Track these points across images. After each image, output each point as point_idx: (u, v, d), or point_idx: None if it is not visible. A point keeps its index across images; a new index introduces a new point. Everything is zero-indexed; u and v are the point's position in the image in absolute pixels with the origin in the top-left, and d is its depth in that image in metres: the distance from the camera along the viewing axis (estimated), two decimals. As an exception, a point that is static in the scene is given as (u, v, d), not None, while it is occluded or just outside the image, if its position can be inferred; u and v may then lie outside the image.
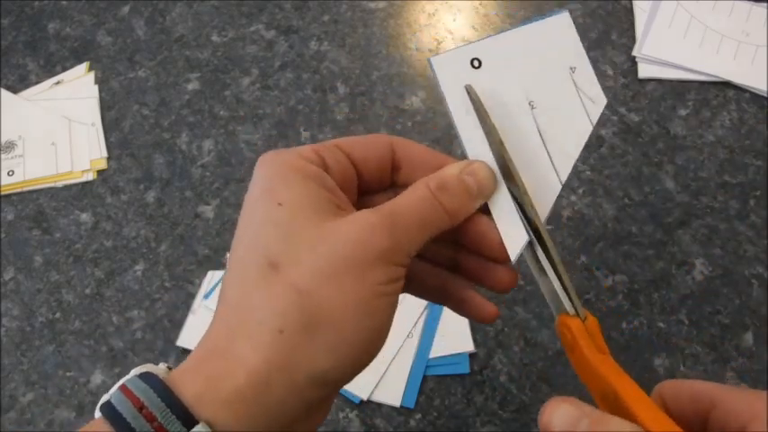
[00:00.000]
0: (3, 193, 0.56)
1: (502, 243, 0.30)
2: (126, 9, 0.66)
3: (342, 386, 0.28)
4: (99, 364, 0.48)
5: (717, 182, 0.53)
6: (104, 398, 0.25)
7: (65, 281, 0.52)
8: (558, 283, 0.30)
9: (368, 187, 0.31)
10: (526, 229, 0.29)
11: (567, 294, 0.29)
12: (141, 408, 0.24)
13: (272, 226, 0.26)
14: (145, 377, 0.25)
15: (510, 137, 0.30)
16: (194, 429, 0.23)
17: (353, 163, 0.30)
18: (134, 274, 0.51)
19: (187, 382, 0.25)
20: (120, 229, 0.54)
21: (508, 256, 0.30)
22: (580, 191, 0.53)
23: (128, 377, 0.25)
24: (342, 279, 0.25)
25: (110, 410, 0.24)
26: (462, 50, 0.30)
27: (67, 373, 0.48)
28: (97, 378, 0.48)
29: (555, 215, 0.52)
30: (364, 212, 0.27)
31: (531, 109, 0.30)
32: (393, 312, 0.27)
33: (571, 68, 0.31)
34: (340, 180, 0.28)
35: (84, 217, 0.54)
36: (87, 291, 0.51)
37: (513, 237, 0.29)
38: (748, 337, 0.46)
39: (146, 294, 0.51)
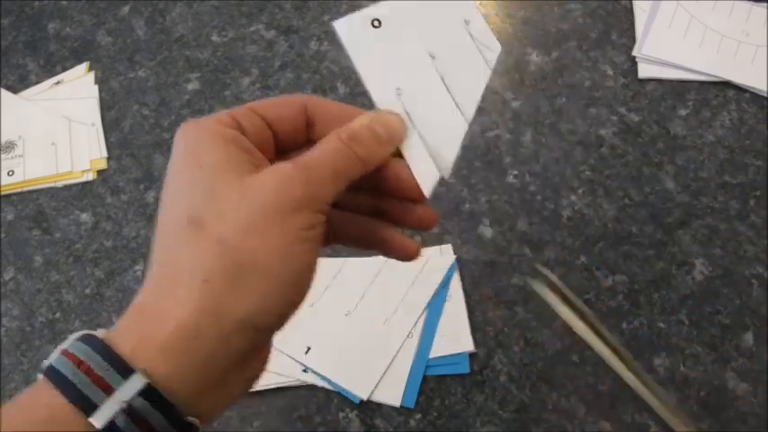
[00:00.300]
0: (3, 193, 0.56)
1: (416, 183, 0.32)
2: (126, 9, 0.66)
3: (271, 333, 0.29)
4: (99, 364, 0.48)
5: (717, 182, 0.53)
6: (45, 363, 0.26)
7: (65, 281, 0.52)
8: None
9: (284, 146, 0.32)
10: (436, 167, 0.33)
11: None
12: (80, 364, 0.25)
13: (196, 187, 0.28)
14: (83, 339, 0.26)
15: (415, 86, 0.33)
16: (131, 377, 0.25)
17: (268, 124, 0.31)
18: (134, 274, 0.51)
19: (122, 339, 0.26)
20: (120, 229, 0.54)
21: (423, 194, 0.32)
22: (580, 191, 0.53)
23: (67, 342, 0.26)
24: (263, 228, 0.27)
25: (51, 372, 0.25)
26: (362, 13, 0.33)
27: (67, 373, 0.48)
28: (97, 378, 0.48)
29: (555, 215, 0.52)
30: (280, 165, 0.28)
31: (432, 60, 0.33)
32: (315, 257, 0.29)
33: (465, 21, 0.34)
34: (257, 141, 0.30)
35: (85, 217, 0.54)
36: (87, 291, 0.51)
37: (426, 175, 0.32)
38: (748, 338, 0.46)
39: (146, 294, 0.51)
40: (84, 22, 0.66)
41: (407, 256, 0.34)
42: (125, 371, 0.25)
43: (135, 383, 0.25)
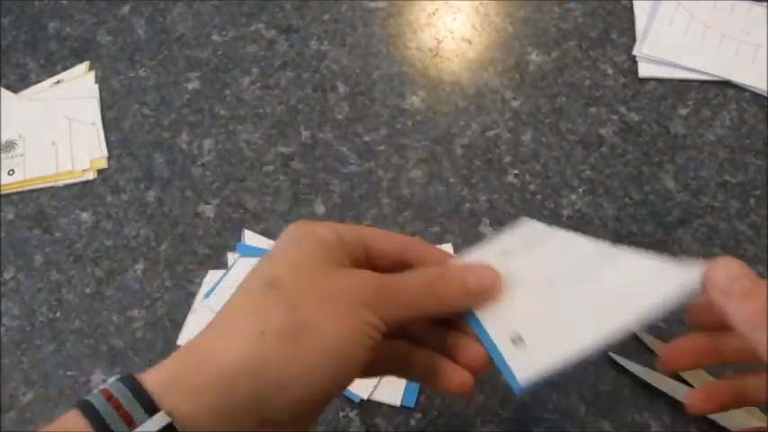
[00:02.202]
0: (3, 192, 0.56)
1: (482, 356, 0.31)
2: (126, 8, 0.66)
3: (302, 418, 0.29)
4: (99, 363, 0.48)
5: (717, 181, 0.53)
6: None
7: (65, 280, 0.52)
8: None
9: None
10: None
11: None
12: (110, 398, 0.26)
13: (285, 259, 0.30)
14: (123, 378, 0.27)
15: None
16: (156, 415, 0.26)
17: (368, 254, 0.33)
18: (134, 274, 0.51)
19: (157, 377, 0.27)
20: (120, 229, 0.54)
21: (482, 366, 0.31)
22: (580, 190, 0.53)
23: (110, 380, 0.28)
24: (336, 306, 0.28)
25: (84, 403, 0.26)
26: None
27: (68, 373, 0.48)
28: (97, 377, 0.48)
29: (555, 214, 0.52)
30: (369, 272, 0.30)
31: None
32: (367, 357, 0.29)
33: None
34: (351, 257, 0.32)
35: (85, 216, 0.55)
36: (87, 290, 0.51)
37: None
38: (748, 337, 0.46)
39: (146, 294, 0.51)
40: (85, 21, 0.66)
41: (457, 387, 0.32)
42: (151, 408, 0.26)
43: (158, 421, 0.26)
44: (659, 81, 0.58)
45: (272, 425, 0.27)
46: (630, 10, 0.62)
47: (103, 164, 0.57)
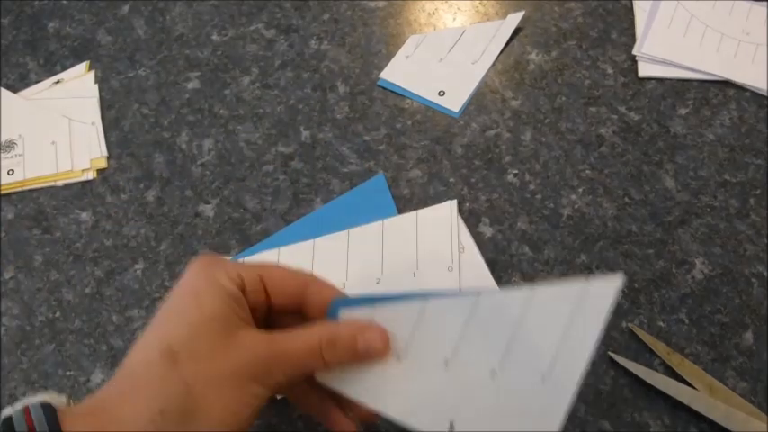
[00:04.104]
0: (3, 192, 0.56)
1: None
2: (126, 8, 0.66)
3: None
4: (99, 363, 0.48)
5: (717, 181, 0.53)
6: (7, 411, 0.30)
7: (65, 280, 0.52)
8: None
9: (280, 309, 0.36)
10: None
11: None
12: (32, 430, 0.28)
13: (186, 324, 0.32)
14: (45, 407, 0.30)
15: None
16: None
17: (268, 293, 0.36)
18: (134, 274, 0.51)
19: (75, 423, 0.29)
20: (120, 229, 0.54)
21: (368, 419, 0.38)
22: (580, 190, 0.53)
23: (33, 401, 0.30)
24: (226, 386, 0.31)
25: (8, 426, 0.29)
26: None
27: (68, 372, 0.48)
28: (97, 377, 0.48)
29: (555, 214, 0.52)
30: (261, 339, 0.33)
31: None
32: (249, 423, 0.32)
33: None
34: (252, 302, 0.35)
35: (85, 216, 0.54)
36: (87, 290, 0.51)
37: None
38: (748, 336, 0.46)
39: (146, 293, 0.51)
40: (85, 21, 0.66)
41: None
42: None
43: None
44: (659, 81, 0.58)
45: None
46: (630, 10, 0.62)
47: (103, 164, 0.57)
